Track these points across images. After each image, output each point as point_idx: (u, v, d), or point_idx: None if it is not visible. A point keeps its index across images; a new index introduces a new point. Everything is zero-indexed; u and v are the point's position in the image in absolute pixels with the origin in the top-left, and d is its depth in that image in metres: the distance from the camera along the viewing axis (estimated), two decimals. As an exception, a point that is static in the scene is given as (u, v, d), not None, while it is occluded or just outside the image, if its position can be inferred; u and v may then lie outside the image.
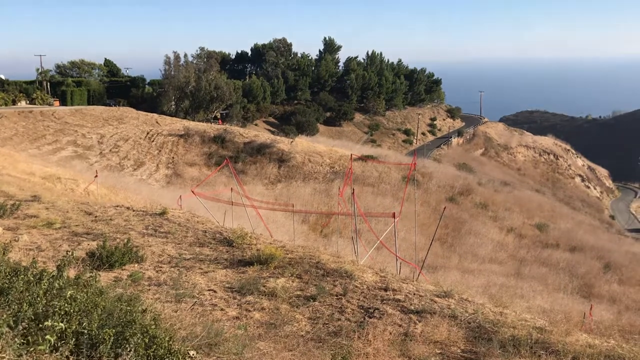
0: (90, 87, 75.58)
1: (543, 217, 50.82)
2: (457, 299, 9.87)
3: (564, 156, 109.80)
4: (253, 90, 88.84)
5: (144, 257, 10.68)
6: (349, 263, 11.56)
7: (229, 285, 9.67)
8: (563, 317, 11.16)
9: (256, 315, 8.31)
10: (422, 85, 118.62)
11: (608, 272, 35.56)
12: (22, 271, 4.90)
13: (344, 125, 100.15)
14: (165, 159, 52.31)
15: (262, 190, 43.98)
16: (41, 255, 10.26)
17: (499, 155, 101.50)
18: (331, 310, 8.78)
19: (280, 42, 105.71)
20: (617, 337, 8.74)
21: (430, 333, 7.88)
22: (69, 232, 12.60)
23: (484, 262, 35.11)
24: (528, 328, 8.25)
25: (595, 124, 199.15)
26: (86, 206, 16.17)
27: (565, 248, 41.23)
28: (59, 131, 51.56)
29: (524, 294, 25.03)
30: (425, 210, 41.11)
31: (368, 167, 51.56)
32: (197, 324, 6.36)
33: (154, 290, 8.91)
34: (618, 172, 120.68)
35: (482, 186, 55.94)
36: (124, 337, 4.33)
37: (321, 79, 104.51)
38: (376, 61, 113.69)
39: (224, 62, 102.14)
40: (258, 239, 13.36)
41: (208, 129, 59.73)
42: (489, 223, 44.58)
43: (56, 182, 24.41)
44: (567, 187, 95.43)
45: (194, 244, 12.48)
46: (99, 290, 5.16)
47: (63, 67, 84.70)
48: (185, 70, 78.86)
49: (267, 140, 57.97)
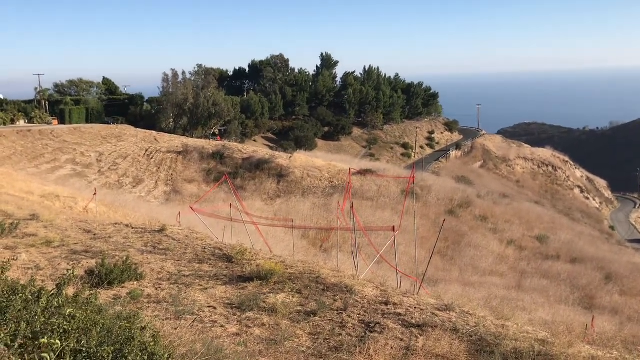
0: (88, 106, 75.75)
1: (543, 228, 50.74)
2: (459, 312, 9.81)
3: (562, 167, 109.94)
4: (251, 106, 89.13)
5: (143, 275, 10.64)
6: (349, 277, 11.51)
7: (228, 301, 9.62)
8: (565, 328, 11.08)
9: (256, 332, 8.26)
10: (420, 99, 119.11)
11: (609, 283, 35.43)
12: (20, 289, 4.86)
13: (343, 139, 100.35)
14: (164, 175, 52.31)
15: (261, 205, 43.93)
16: (40, 274, 10.21)
17: (498, 168, 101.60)
18: (332, 325, 8.72)
19: (278, 58, 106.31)
20: (620, 348, 8.68)
21: (432, 347, 7.83)
22: (68, 250, 12.56)
23: (485, 275, 34.99)
24: (530, 340, 8.20)
25: (593, 135, 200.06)
26: (85, 224, 16.13)
27: (565, 259, 41.11)
28: (58, 150, 51.60)
29: (526, 306, 24.89)
30: (425, 224, 41.05)
31: (367, 181, 51.57)
32: (197, 341, 6.32)
33: (153, 308, 8.86)
34: (617, 183, 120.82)
35: (481, 199, 55.91)
36: (123, 355, 4.29)
37: (319, 94, 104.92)
38: (373, 76, 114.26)
39: (222, 79, 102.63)
40: (257, 255, 13.32)
41: (207, 146, 59.83)
42: (489, 235, 44.50)
43: (55, 201, 24.36)
44: (566, 198, 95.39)
45: (194, 261, 12.44)
46: (98, 308, 5.13)
47: (61, 85, 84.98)
48: (183, 88, 79.17)
49: (266, 155, 58.04)
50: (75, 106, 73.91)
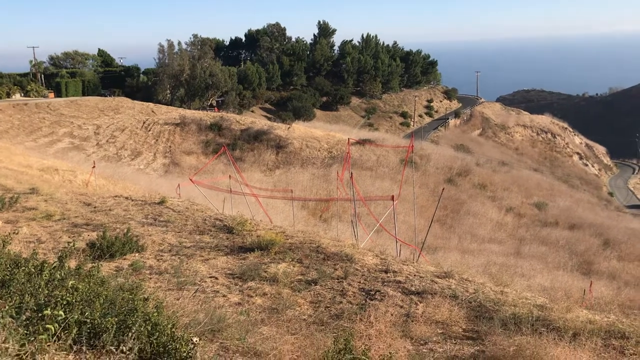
0: (84, 78, 75.12)
1: (542, 196, 50.94)
2: (458, 279, 9.91)
3: (561, 134, 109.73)
4: (248, 76, 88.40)
5: (145, 247, 10.70)
6: (349, 246, 11.59)
7: (230, 271, 9.70)
8: (563, 294, 11.21)
9: (258, 301, 8.35)
10: (418, 67, 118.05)
11: (607, 249, 35.74)
12: (23, 263, 4.90)
13: (341, 109, 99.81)
14: (162, 148, 52.21)
15: (260, 176, 43.99)
16: (41, 247, 10.26)
17: (497, 136, 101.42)
18: (332, 294, 8.81)
19: (274, 27, 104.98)
20: (617, 312, 8.80)
21: (432, 313, 7.92)
22: (69, 223, 12.60)
23: (484, 242, 35.26)
24: (529, 306, 8.30)
25: (592, 101, 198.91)
26: (85, 197, 16.16)
27: (564, 226, 41.38)
28: (55, 123, 51.36)
29: (524, 273, 25.17)
30: (424, 192, 41.19)
31: (366, 151, 51.53)
32: (199, 311, 6.38)
33: (156, 279, 8.94)
34: (616, 149, 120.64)
35: (480, 167, 55.99)
36: (127, 325, 4.34)
37: (317, 63, 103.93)
38: (371, 44, 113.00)
39: (218, 49, 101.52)
40: (258, 225, 13.38)
41: (204, 117, 59.56)
42: (487, 203, 44.70)
43: (54, 174, 24.36)
44: (565, 165, 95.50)
45: (194, 232, 12.50)
46: (100, 280, 5.17)
47: (57, 58, 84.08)
48: (179, 59, 78.44)
49: (264, 126, 57.84)
50: (71, 79, 73.28)
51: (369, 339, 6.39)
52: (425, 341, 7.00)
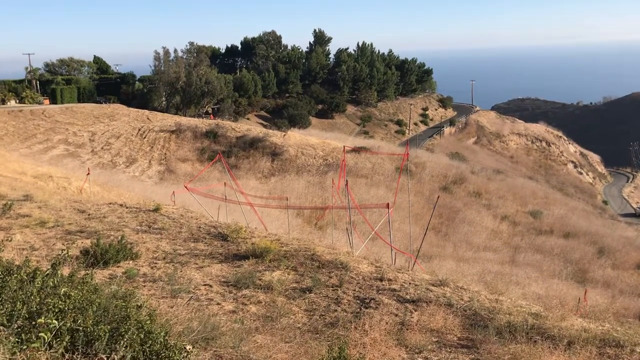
0: (80, 85, 74.98)
1: (536, 204, 51.05)
2: (453, 287, 9.90)
3: (556, 143, 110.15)
4: (244, 84, 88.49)
5: (139, 254, 10.65)
6: (344, 254, 11.57)
7: (224, 279, 9.67)
8: (558, 302, 11.22)
9: (252, 309, 8.31)
10: (414, 76, 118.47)
11: (602, 257, 35.81)
12: (15, 270, 4.86)
13: (336, 117, 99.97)
14: (157, 155, 52.12)
15: (255, 184, 43.92)
16: (35, 254, 10.20)
17: (492, 144, 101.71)
18: (327, 302, 8.79)
19: (270, 35, 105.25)
20: (612, 320, 8.81)
21: (427, 321, 7.91)
22: (62, 230, 12.54)
23: (479, 250, 35.26)
24: (524, 314, 8.30)
25: (587, 110, 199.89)
26: (79, 204, 16.10)
27: (559, 234, 41.44)
28: (50, 130, 51.24)
29: (519, 281, 25.17)
30: (419, 200, 41.19)
31: (361, 159, 51.57)
32: (193, 319, 6.35)
33: (150, 287, 8.89)
34: (610, 158, 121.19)
35: (475, 175, 56.08)
36: (120, 333, 4.31)
37: (312, 71, 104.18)
38: (367, 52, 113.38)
39: (214, 57, 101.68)
40: (253, 233, 13.35)
41: (200, 124, 59.51)
42: (482, 211, 44.74)
43: (48, 181, 24.27)
44: (559, 173, 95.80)
45: (189, 240, 12.46)
46: (93, 288, 5.14)
47: (52, 65, 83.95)
48: (175, 66, 78.47)
49: (260, 134, 57.83)
50: (67, 85, 73.15)
51: (363, 348, 6.37)
52: (420, 349, 6.98)
